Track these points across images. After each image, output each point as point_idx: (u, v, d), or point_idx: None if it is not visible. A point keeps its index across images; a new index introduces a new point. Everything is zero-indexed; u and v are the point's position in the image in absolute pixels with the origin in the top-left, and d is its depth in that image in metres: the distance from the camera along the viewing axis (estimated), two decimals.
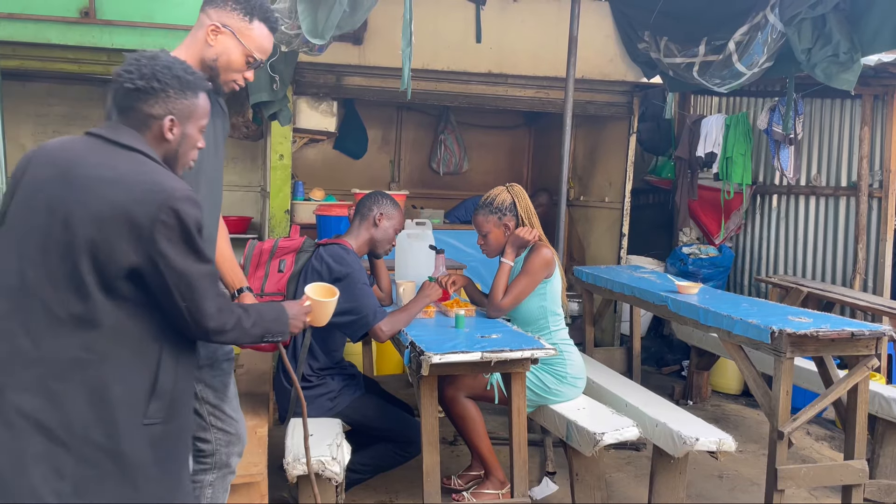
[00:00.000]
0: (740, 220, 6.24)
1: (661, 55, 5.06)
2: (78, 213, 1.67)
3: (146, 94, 1.78)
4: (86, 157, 1.74)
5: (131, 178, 1.70)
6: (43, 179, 1.74)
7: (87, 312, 1.68)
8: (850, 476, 3.37)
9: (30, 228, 1.72)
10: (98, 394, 1.68)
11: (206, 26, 2.19)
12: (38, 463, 1.64)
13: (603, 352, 5.41)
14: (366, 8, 3.36)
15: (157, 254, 1.68)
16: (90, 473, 1.67)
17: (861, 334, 3.23)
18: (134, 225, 1.66)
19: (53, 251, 1.68)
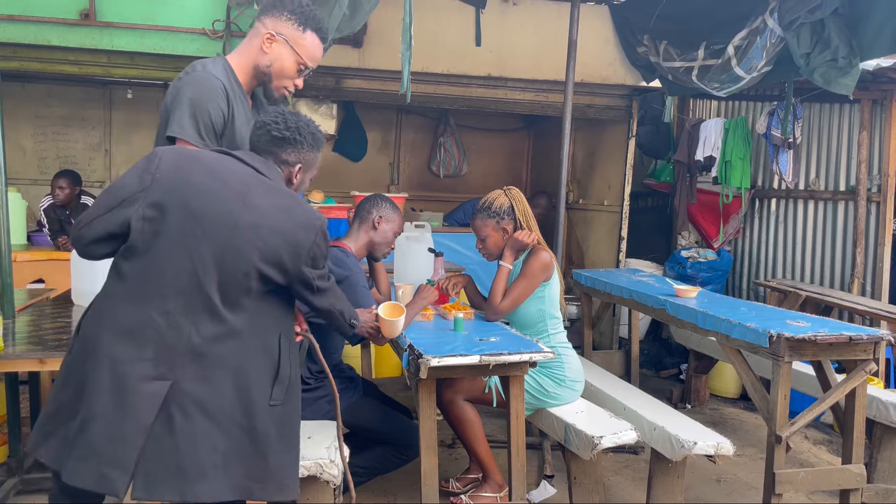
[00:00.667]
0: (739, 224, 6.25)
1: (660, 59, 5.06)
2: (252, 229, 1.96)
3: (287, 144, 2.12)
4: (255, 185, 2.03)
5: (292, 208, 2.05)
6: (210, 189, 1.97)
7: (240, 310, 1.97)
8: (847, 480, 3.37)
9: (206, 235, 1.94)
10: (241, 380, 1.96)
11: (261, 34, 2.32)
12: (204, 441, 1.90)
13: (601, 355, 5.41)
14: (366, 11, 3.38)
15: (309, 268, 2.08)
16: (233, 447, 1.94)
17: (859, 338, 3.23)
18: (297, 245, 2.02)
19: (232, 261, 1.94)
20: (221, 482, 1.91)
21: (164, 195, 1.94)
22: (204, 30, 4.77)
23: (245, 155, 2.10)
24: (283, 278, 2.02)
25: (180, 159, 2.01)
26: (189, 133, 2.16)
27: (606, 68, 5.58)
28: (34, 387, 3.75)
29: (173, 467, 1.87)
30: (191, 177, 1.97)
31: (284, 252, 2.00)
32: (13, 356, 2.57)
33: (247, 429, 1.96)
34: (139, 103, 6.97)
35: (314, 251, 2.05)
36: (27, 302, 3.49)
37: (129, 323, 1.92)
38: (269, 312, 2.05)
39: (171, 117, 2.19)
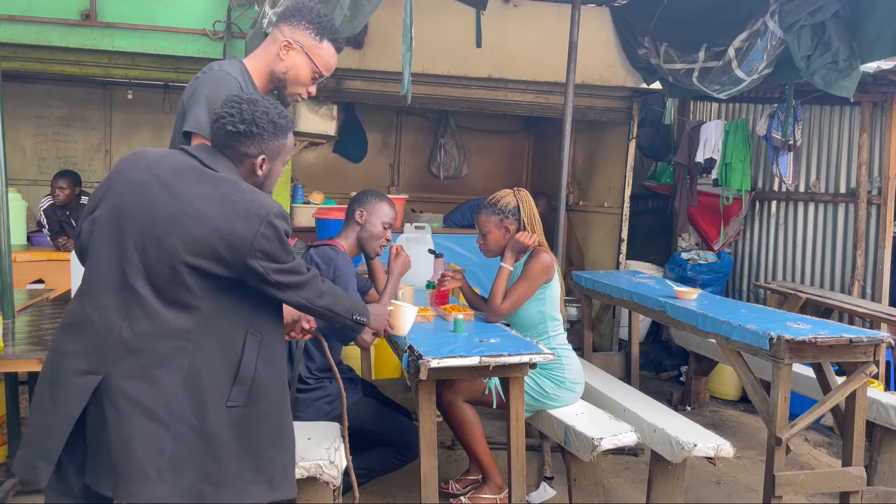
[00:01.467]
0: (739, 226, 6.25)
1: (660, 61, 5.07)
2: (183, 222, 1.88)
3: (245, 137, 2.00)
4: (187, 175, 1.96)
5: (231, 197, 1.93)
6: (141, 183, 1.94)
7: (186, 307, 1.89)
8: (847, 483, 3.37)
9: (129, 229, 1.90)
10: (191, 379, 1.89)
11: (279, 41, 2.36)
12: (144, 442, 1.83)
13: (601, 357, 5.41)
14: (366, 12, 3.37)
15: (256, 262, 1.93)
16: (183, 450, 1.87)
17: (859, 341, 3.23)
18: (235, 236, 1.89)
19: (155, 253, 1.88)
20: (169, 485, 1.85)
21: (109, 195, 1.97)
22: (205, 30, 4.78)
23: (194, 148, 2.05)
24: (226, 272, 1.90)
25: (129, 158, 2.03)
26: (205, 128, 2.18)
27: (607, 70, 5.58)
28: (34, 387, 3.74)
29: (107, 463, 1.85)
30: (129, 174, 1.98)
31: (218, 243, 1.88)
32: (13, 356, 2.57)
33: (198, 430, 1.89)
34: (139, 104, 6.97)
35: (261, 243, 1.90)
36: (27, 302, 3.49)
37: (72, 319, 1.94)
38: (232, 309, 1.96)
39: (188, 114, 2.22)
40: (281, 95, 2.43)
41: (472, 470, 3.59)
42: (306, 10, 2.38)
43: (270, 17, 3.61)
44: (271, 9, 3.61)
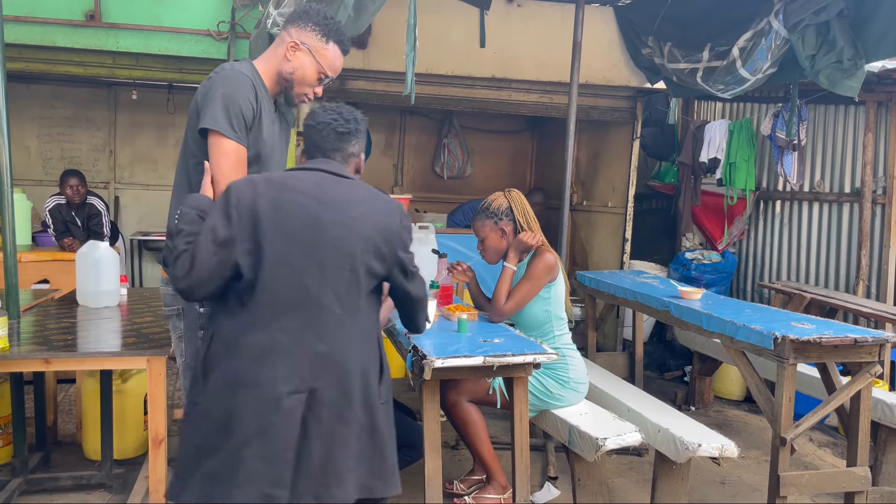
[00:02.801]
0: (743, 226, 6.23)
1: (664, 61, 5.06)
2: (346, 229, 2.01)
3: (351, 137, 2.17)
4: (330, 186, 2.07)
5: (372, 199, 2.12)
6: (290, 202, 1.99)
7: (362, 309, 2.06)
8: (852, 483, 3.36)
9: (301, 246, 1.98)
10: (364, 382, 2.03)
11: (286, 43, 2.41)
12: (341, 447, 1.97)
13: (605, 357, 5.41)
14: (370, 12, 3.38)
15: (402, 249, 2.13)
16: (360, 449, 2.01)
17: (864, 341, 3.23)
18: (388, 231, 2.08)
19: (334, 261, 2.00)
20: (352, 484, 1.99)
21: (252, 224, 1.96)
22: (209, 31, 4.78)
23: (313, 164, 2.13)
24: (383, 268, 2.08)
25: (253, 186, 2.01)
26: (222, 125, 2.21)
27: (611, 70, 5.58)
28: (39, 387, 3.76)
29: (312, 474, 1.94)
30: (268, 198, 1.99)
31: (379, 240, 2.05)
32: (18, 356, 2.58)
33: (369, 430, 2.03)
34: (144, 104, 6.98)
35: (403, 234, 2.12)
36: (32, 302, 3.50)
37: (258, 348, 1.95)
38: (374, 310, 2.13)
39: (204, 112, 2.24)
40: (288, 96, 2.47)
41: (476, 470, 3.59)
42: (313, 13, 2.42)
43: (275, 17, 3.61)
44: (275, 9, 3.62)
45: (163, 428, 2.61)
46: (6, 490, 3.35)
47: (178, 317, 2.32)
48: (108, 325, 3.10)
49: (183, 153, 2.36)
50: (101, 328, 3.05)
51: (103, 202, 5.81)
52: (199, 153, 2.27)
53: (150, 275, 7.20)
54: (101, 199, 5.82)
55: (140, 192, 7.31)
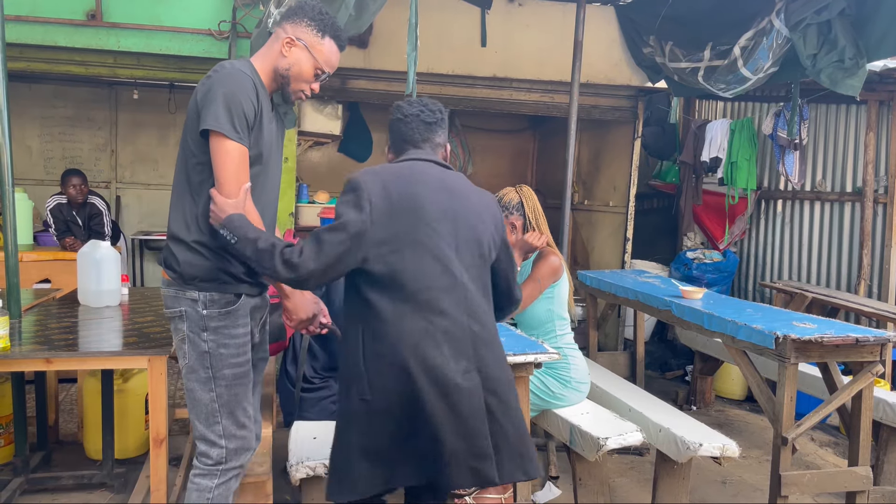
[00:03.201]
0: (745, 225, 6.23)
1: (666, 60, 5.06)
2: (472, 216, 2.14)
3: (438, 127, 2.24)
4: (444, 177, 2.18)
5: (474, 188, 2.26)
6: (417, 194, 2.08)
7: (489, 290, 2.18)
8: (854, 482, 3.36)
9: (439, 233, 2.06)
10: (505, 359, 2.19)
11: (281, 39, 2.37)
12: (521, 423, 2.10)
13: (606, 356, 5.40)
14: (371, 12, 3.38)
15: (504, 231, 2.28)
16: (517, 426, 2.08)
17: (866, 340, 3.22)
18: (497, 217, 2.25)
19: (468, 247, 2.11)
20: (533, 459, 2.09)
21: (385, 216, 2.03)
22: (210, 30, 4.79)
23: (412, 153, 2.21)
24: (495, 252, 2.21)
25: (380, 178, 2.09)
26: (224, 125, 2.18)
27: (612, 69, 5.58)
28: (40, 387, 3.76)
29: (512, 450, 2.04)
30: (399, 191, 2.07)
31: (493, 227, 2.19)
32: (19, 355, 2.58)
33: (514, 408, 2.11)
34: (145, 104, 6.99)
35: (503, 224, 2.28)
36: (33, 301, 3.50)
37: (420, 335, 2.00)
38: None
39: (206, 112, 2.20)
40: (285, 93, 2.43)
41: None
42: (308, 8, 2.39)
43: (275, 16, 3.61)
44: (276, 8, 3.62)
45: (164, 427, 2.60)
46: (8, 489, 3.35)
47: (180, 319, 2.30)
48: (110, 325, 3.10)
49: (182, 152, 2.31)
50: (102, 328, 3.05)
51: (104, 201, 5.81)
52: (199, 153, 2.24)
53: (152, 274, 7.21)
54: (102, 198, 5.82)
55: (141, 192, 7.31)
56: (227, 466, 2.30)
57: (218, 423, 2.28)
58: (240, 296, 2.29)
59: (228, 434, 2.29)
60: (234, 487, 2.36)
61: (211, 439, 2.28)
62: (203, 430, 2.29)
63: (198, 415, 2.29)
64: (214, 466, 2.29)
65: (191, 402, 2.31)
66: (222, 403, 2.27)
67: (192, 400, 2.30)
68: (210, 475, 2.30)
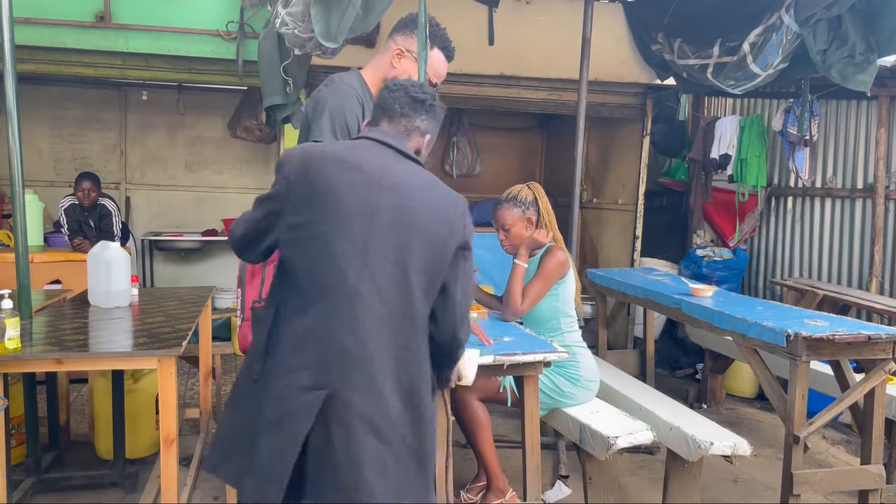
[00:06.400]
0: (755, 223, 6.20)
1: (674, 57, 5.03)
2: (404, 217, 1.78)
3: (424, 109, 1.93)
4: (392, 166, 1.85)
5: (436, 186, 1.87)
6: (349, 183, 1.79)
7: (407, 309, 1.78)
8: (866, 481, 3.34)
9: (345, 230, 1.77)
10: (412, 393, 1.78)
11: (392, 50, 2.53)
12: (371, 462, 1.72)
13: (616, 355, 5.39)
14: (379, 11, 3.37)
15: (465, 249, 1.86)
16: (403, 474, 1.76)
17: (878, 338, 3.20)
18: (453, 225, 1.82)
19: (377, 252, 1.77)
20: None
21: (300, 198, 1.81)
22: (218, 31, 4.80)
23: (377, 133, 1.92)
24: (438, 267, 1.81)
25: (307, 156, 1.86)
26: (326, 137, 2.31)
27: (620, 66, 5.56)
28: (51, 387, 3.78)
29: (334, 485, 1.72)
30: (322, 174, 1.81)
31: (437, 233, 1.81)
32: (31, 356, 2.59)
33: (416, 452, 1.79)
34: (154, 105, 7.01)
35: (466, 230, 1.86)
36: (44, 303, 3.52)
37: (298, 334, 1.79)
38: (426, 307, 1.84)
39: (314, 126, 2.33)
40: None
41: (481, 475, 3.57)
42: (418, 21, 2.53)
43: (283, 16, 3.61)
44: (283, 9, 3.62)
45: (174, 427, 2.61)
46: (20, 489, 3.37)
47: None
48: (120, 325, 3.11)
49: None
50: (112, 328, 3.06)
51: (115, 203, 5.84)
52: None
53: (161, 275, 7.23)
54: (112, 199, 5.84)
55: (151, 193, 7.34)
56: None
57: None
58: None
59: None
60: None
61: None
62: None
63: None
64: None
65: None
66: None
67: None
68: None
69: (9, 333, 2.53)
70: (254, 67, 4.60)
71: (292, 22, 3.59)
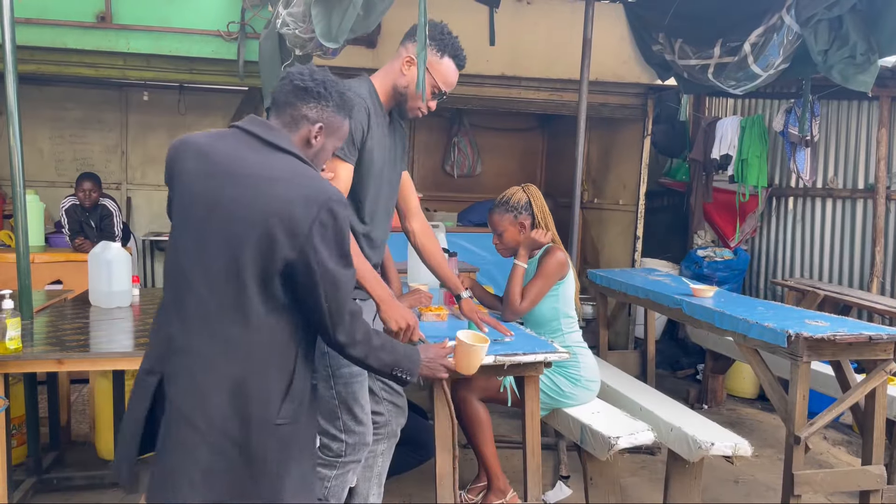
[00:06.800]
0: (756, 223, 6.20)
1: (675, 57, 5.03)
2: (241, 209, 1.72)
3: (309, 96, 1.86)
4: (247, 156, 1.79)
5: (292, 179, 1.76)
6: (197, 173, 1.78)
7: (239, 307, 1.74)
8: (867, 481, 3.34)
9: (187, 221, 1.79)
10: (238, 389, 1.75)
11: (402, 58, 2.53)
12: (178, 450, 1.75)
13: (617, 355, 5.39)
14: (379, 11, 3.37)
15: (312, 249, 1.72)
16: (219, 465, 1.75)
17: (879, 338, 3.20)
18: (294, 222, 1.70)
19: (212, 244, 1.74)
20: (200, 499, 1.74)
21: (170, 188, 1.86)
22: (219, 31, 4.80)
23: (247, 121, 1.87)
24: (279, 267, 1.72)
25: (175, 147, 1.86)
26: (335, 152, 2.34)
27: (621, 67, 5.56)
28: (52, 387, 3.78)
29: (159, 471, 1.80)
30: (183, 164, 1.81)
31: (278, 231, 1.70)
32: (32, 357, 2.59)
33: (241, 445, 1.75)
34: (155, 105, 7.01)
35: (315, 231, 1.72)
36: (45, 303, 3.52)
37: (154, 322, 1.92)
38: (285, 318, 1.79)
39: None
40: (402, 110, 2.59)
41: (481, 476, 3.57)
42: (430, 28, 2.52)
43: (284, 17, 3.61)
44: (284, 9, 3.62)
45: None
46: (21, 489, 3.37)
47: None
48: (121, 326, 3.12)
49: None
50: (113, 328, 3.07)
51: (116, 203, 5.84)
52: None
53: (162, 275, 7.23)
54: (113, 200, 5.85)
55: (152, 193, 7.34)
56: (346, 460, 2.49)
57: (338, 419, 2.46)
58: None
59: (348, 429, 2.47)
60: (350, 481, 2.55)
61: (332, 433, 2.46)
62: (325, 426, 2.45)
63: (320, 411, 2.40)
64: (335, 458, 2.48)
65: None
66: (341, 400, 2.44)
67: None
68: (330, 466, 2.48)
69: (10, 333, 2.53)
70: (255, 68, 4.60)
71: (293, 22, 3.59)
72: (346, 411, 2.46)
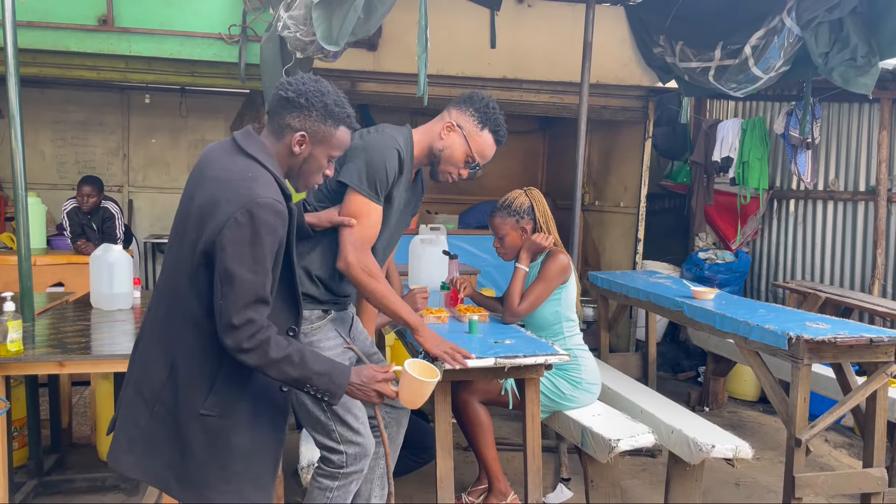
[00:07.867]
0: (757, 225, 6.20)
1: (676, 59, 5.04)
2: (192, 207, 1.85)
3: (292, 106, 1.94)
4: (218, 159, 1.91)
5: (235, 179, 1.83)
6: (190, 177, 1.95)
7: (176, 297, 1.87)
8: (868, 484, 3.33)
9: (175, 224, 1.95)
10: (171, 367, 1.88)
11: (444, 122, 2.61)
12: (124, 417, 1.95)
13: (618, 357, 5.39)
14: (380, 14, 3.37)
15: (220, 245, 1.77)
16: (159, 432, 1.88)
17: (880, 340, 3.20)
18: (215, 219, 1.78)
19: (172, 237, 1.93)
20: (135, 459, 1.92)
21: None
22: (220, 34, 4.81)
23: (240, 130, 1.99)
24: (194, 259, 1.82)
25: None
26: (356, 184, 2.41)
27: (622, 69, 5.56)
28: (53, 390, 3.78)
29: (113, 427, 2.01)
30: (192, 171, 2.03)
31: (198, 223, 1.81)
32: (33, 359, 2.60)
33: (175, 419, 1.87)
34: (157, 108, 7.03)
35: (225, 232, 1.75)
36: (47, 305, 3.53)
37: None
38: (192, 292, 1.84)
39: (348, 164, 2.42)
40: (433, 170, 2.63)
41: (482, 478, 3.57)
42: (476, 99, 2.61)
43: (285, 20, 3.62)
44: (285, 12, 3.63)
45: None
46: (22, 491, 3.38)
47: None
48: (122, 328, 3.12)
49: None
50: (114, 331, 3.07)
51: (117, 206, 5.85)
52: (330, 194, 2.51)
53: None
54: (115, 202, 5.85)
55: (154, 195, 7.36)
56: (348, 470, 2.46)
57: (333, 431, 2.43)
58: (328, 312, 2.48)
59: (346, 440, 2.44)
60: (353, 490, 2.53)
61: (331, 446, 2.45)
62: (322, 439, 2.45)
63: (314, 426, 2.45)
64: (336, 470, 2.46)
65: (305, 416, 2.46)
66: (332, 413, 2.41)
67: (305, 413, 2.45)
68: (332, 477, 2.47)
69: (11, 336, 2.54)
70: (256, 70, 4.61)
71: (294, 25, 3.60)
72: (339, 423, 2.43)
